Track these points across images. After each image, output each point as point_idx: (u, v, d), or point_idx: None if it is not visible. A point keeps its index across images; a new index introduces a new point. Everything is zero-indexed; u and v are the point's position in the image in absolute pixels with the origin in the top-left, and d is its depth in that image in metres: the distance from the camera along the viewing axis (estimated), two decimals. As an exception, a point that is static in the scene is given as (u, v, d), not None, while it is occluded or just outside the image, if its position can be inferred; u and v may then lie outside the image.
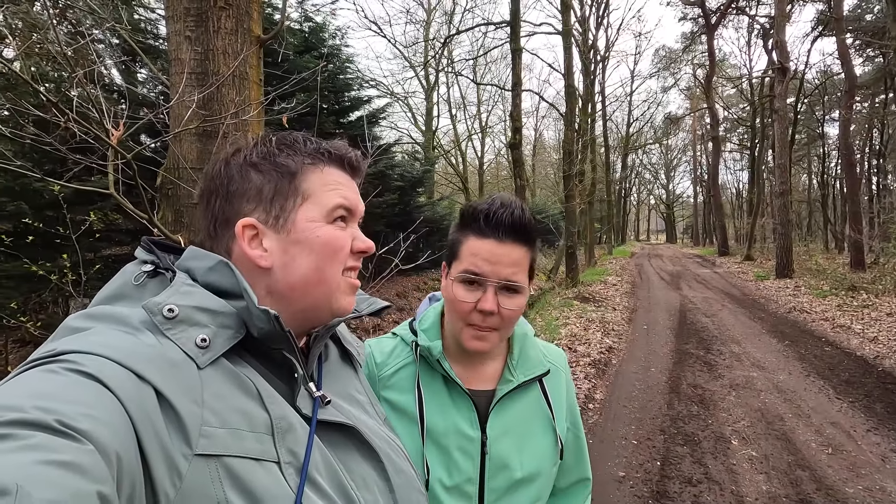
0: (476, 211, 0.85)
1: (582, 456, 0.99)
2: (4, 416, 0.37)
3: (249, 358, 0.58)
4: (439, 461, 0.85)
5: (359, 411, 0.69)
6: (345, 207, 0.66)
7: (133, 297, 0.56)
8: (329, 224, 0.64)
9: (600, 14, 21.88)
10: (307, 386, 0.61)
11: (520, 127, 8.44)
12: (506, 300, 0.83)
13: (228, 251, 0.63)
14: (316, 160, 0.65)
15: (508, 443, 0.87)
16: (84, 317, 0.53)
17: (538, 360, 0.95)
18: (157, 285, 0.58)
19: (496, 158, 32.71)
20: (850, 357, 5.93)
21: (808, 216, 30.28)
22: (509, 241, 0.83)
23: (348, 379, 0.73)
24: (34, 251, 4.76)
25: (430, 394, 0.89)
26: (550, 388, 0.94)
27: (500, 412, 0.89)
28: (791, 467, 3.30)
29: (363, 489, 0.59)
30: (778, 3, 14.30)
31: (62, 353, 0.46)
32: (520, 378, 0.91)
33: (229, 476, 0.48)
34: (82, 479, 0.35)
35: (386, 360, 0.93)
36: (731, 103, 33.00)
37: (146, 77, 8.42)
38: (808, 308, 9.06)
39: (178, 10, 2.40)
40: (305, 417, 0.59)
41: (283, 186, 0.63)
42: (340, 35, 11.44)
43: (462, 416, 0.88)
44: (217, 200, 0.64)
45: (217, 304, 0.56)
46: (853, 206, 14.64)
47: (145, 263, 0.60)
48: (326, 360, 0.71)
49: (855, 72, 15.91)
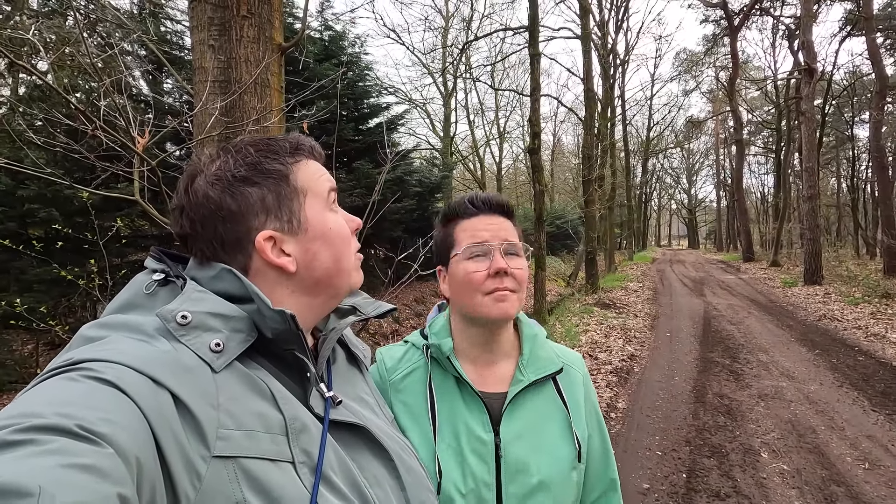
0: (459, 202, 0.94)
1: (608, 459, 0.97)
2: (26, 423, 0.38)
3: (261, 360, 0.59)
4: (453, 465, 0.83)
5: (368, 412, 0.70)
6: (333, 189, 0.70)
7: (145, 306, 0.57)
8: (330, 211, 0.67)
9: (620, 18, 21.71)
10: (318, 386, 0.62)
11: (538, 132, 8.39)
12: (512, 261, 0.88)
13: (245, 269, 0.62)
14: (297, 156, 0.67)
15: (524, 445, 0.85)
16: (98, 326, 0.54)
17: (550, 359, 0.94)
18: (168, 293, 0.59)
19: (514, 164, 32.61)
20: (886, 367, 5.69)
21: (837, 221, 29.36)
22: (496, 214, 0.91)
23: (356, 381, 0.75)
24: (64, 256, 4.90)
25: (441, 396, 0.88)
26: (565, 387, 0.92)
27: (513, 413, 0.88)
28: (825, 482, 3.16)
29: (376, 487, 0.60)
30: (804, 3, 13.97)
31: (80, 362, 0.47)
32: (531, 377, 0.90)
33: (246, 477, 0.49)
34: (103, 482, 0.36)
35: (396, 364, 0.94)
36: (754, 106, 32.30)
37: (172, 87, 8.65)
38: (839, 316, 8.75)
39: (202, 20, 2.45)
40: (318, 417, 0.59)
41: (284, 190, 0.64)
42: (360, 43, 11.58)
43: (474, 418, 0.87)
44: (215, 225, 0.61)
45: (229, 308, 0.57)
46: (886, 209, 14.14)
47: (155, 272, 0.61)
48: (334, 362, 0.73)
49: (886, 72, 15.41)
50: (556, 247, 21.98)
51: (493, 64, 18.66)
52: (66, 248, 4.59)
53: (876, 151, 14.75)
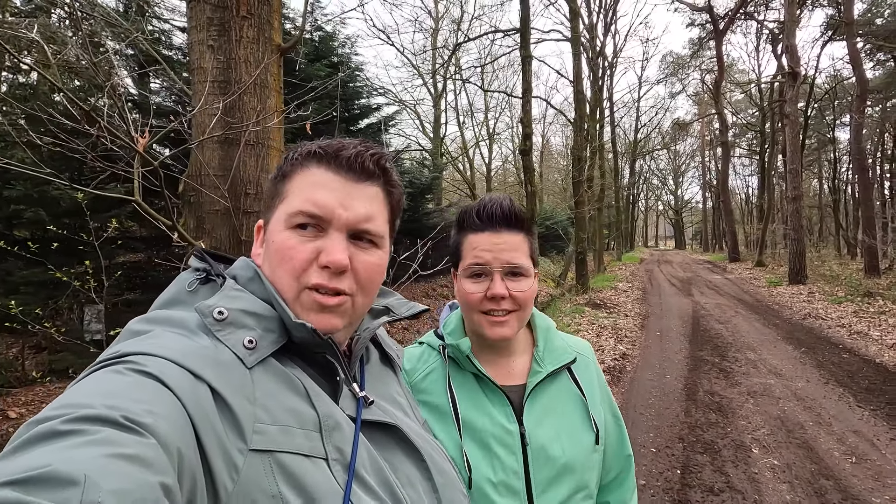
0: (469, 210, 0.92)
1: (623, 438, 1.01)
2: (75, 413, 0.40)
3: (296, 359, 0.60)
4: (481, 457, 0.85)
5: (400, 413, 0.70)
6: (306, 213, 0.60)
7: (187, 302, 0.59)
8: (287, 230, 0.61)
9: (608, 21, 21.92)
10: (350, 387, 0.63)
11: (530, 133, 8.44)
12: (514, 284, 0.88)
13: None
14: (305, 159, 0.64)
15: (547, 430, 0.89)
16: (145, 321, 0.56)
17: (564, 349, 0.97)
18: (208, 291, 0.61)
19: (503, 165, 32.75)
20: (870, 364, 5.83)
21: (819, 222, 29.95)
22: (504, 230, 0.89)
23: (389, 381, 0.75)
24: (52, 258, 4.82)
25: (462, 392, 0.90)
26: (580, 375, 0.96)
27: (533, 403, 0.91)
28: (815, 476, 3.24)
29: (408, 487, 0.60)
30: (788, 8, 14.26)
31: (126, 355, 0.48)
32: (548, 367, 0.93)
33: (282, 471, 0.49)
34: (147, 471, 0.37)
35: (415, 365, 0.95)
36: (739, 108, 32.84)
37: (159, 87, 8.54)
38: (823, 314, 8.94)
39: (200, 20, 2.44)
40: (350, 417, 0.60)
41: (277, 188, 0.66)
42: (350, 44, 11.54)
43: (498, 410, 0.89)
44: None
45: (262, 308, 0.58)
46: (866, 210, 14.46)
47: (198, 271, 0.63)
48: (368, 362, 0.73)
49: (866, 76, 15.77)
50: (545, 248, 22.09)
51: (482, 66, 18.76)
52: (54, 250, 4.52)
53: (857, 153, 15.07)
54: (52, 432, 0.38)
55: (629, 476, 1.01)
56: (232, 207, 2.42)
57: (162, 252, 6.93)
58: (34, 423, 0.40)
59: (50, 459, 0.35)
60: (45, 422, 0.39)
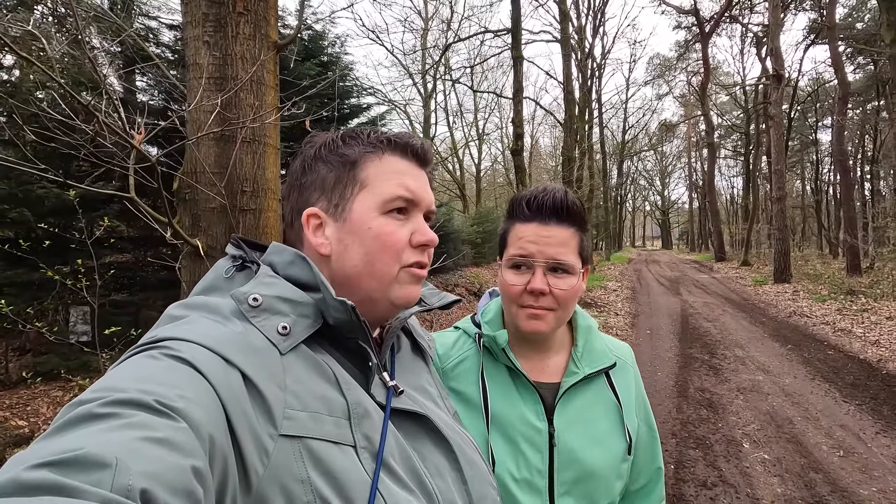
0: (520, 198, 0.88)
1: (655, 450, 0.97)
2: (111, 396, 0.41)
3: (328, 346, 0.61)
4: (506, 452, 0.84)
5: (430, 403, 0.70)
6: (403, 198, 0.65)
7: (224, 289, 0.60)
8: (383, 215, 0.64)
9: (597, 22, 22.11)
10: (381, 375, 0.63)
11: (521, 133, 8.49)
12: (556, 280, 0.84)
13: (301, 240, 0.67)
14: (376, 148, 0.66)
15: (576, 434, 0.86)
16: (182, 306, 0.57)
17: (604, 353, 0.93)
18: (244, 278, 0.61)
19: (493, 165, 32.84)
20: (854, 360, 5.96)
21: (802, 222, 30.53)
22: (553, 223, 0.84)
23: (420, 371, 0.75)
24: (38, 258, 4.73)
25: (494, 384, 0.88)
26: (618, 382, 0.92)
27: (566, 404, 0.88)
28: (804, 470, 3.30)
29: (437, 477, 0.60)
30: (772, 12, 14.51)
31: (161, 340, 0.50)
32: (585, 370, 0.89)
33: (311, 457, 0.50)
34: (178, 454, 0.38)
35: (448, 351, 0.93)
36: (724, 110, 33.34)
37: (146, 85, 8.41)
38: (808, 312, 9.11)
39: (196, 16, 2.41)
40: (380, 405, 0.60)
41: (343, 175, 0.65)
42: (340, 43, 11.50)
43: (528, 406, 0.87)
44: (293, 193, 0.68)
45: (296, 294, 0.59)
46: (848, 210, 14.79)
47: (234, 258, 0.64)
48: (399, 351, 0.73)
49: (847, 79, 16.13)
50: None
51: (472, 66, 18.81)
52: (38, 250, 4.43)
53: (839, 155, 15.41)
54: (89, 415, 0.39)
55: (657, 488, 0.97)
56: (228, 205, 2.39)
57: (150, 252, 6.82)
58: (74, 405, 0.40)
59: (84, 442, 0.35)
60: (83, 404, 0.40)
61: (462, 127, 26.27)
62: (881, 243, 15.52)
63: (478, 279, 15.50)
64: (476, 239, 17.07)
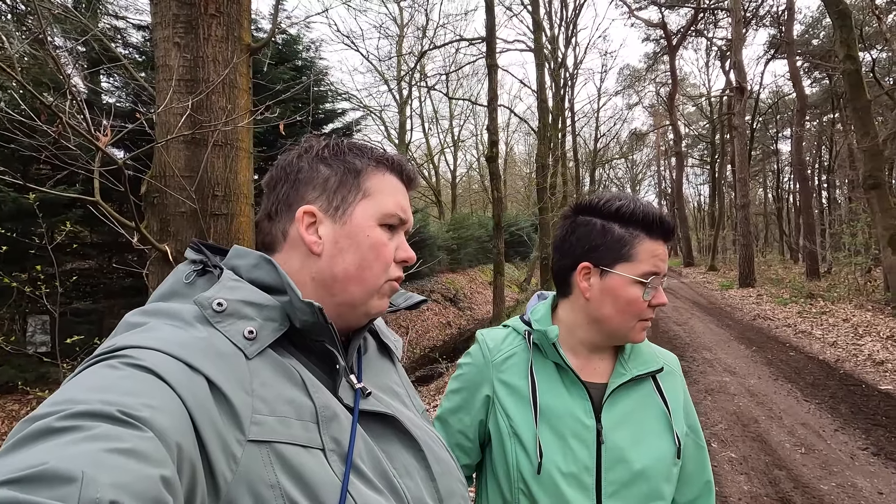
0: (650, 214, 0.88)
1: (704, 462, 0.96)
2: (71, 409, 0.39)
3: (293, 350, 0.61)
4: (555, 445, 0.85)
5: (398, 403, 0.70)
6: (398, 217, 0.69)
7: (184, 294, 0.59)
8: (379, 227, 0.67)
9: (569, 33, 22.56)
10: (348, 377, 0.63)
11: (496, 141, 8.58)
12: None
13: (284, 233, 0.66)
14: (380, 164, 0.69)
15: (624, 434, 0.87)
16: (141, 313, 0.55)
17: (651, 357, 0.96)
18: (206, 283, 0.60)
19: (468, 172, 33.05)
20: (814, 361, 6.22)
21: (764, 228, 31.76)
22: (667, 242, 0.92)
23: (387, 371, 0.75)
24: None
25: (543, 379, 0.90)
26: (666, 387, 0.93)
27: (614, 403, 0.89)
28: (769, 467, 3.42)
29: (405, 477, 0.61)
30: (735, 27, 15.13)
31: (121, 349, 0.48)
32: (633, 371, 0.92)
33: (280, 461, 0.50)
34: (145, 464, 0.37)
35: (499, 345, 0.96)
36: (691, 120, 34.47)
37: (111, 86, 8.17)
38: (771, 315, 9.46)
39: (166, 17, 2.37)
40: (347, 407, 0.60)
41: (348, 180, 0.67)
42: (314, 48, 11.42)
43: (576, 403, 0.88)
44: (283, 186, 0.68)
45: (262, 297, 0.58)
46: (807, 217, 15.46)
47: (194, 263, 0.63)
48: (365, 352, 0.73)
49: (805, 92, 16.94)
50: (509, 253, 22.42)
51: (447, 74, 18.90)
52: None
53: (798, 164, 16.13)
54: (48, 429, 0.37)
55: (708, 502, 0.95)
56: (199, 209, 2.34)
57: (115, 258, 6.59)
58: (29, 420, 0.39)
59: (46, 457, 0.34)
60: (40, 419, 0.38)
61: (437, 133, 26.46)
62: (837, 249, 16.27)
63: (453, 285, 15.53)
64: (451, 245, 17.13)
